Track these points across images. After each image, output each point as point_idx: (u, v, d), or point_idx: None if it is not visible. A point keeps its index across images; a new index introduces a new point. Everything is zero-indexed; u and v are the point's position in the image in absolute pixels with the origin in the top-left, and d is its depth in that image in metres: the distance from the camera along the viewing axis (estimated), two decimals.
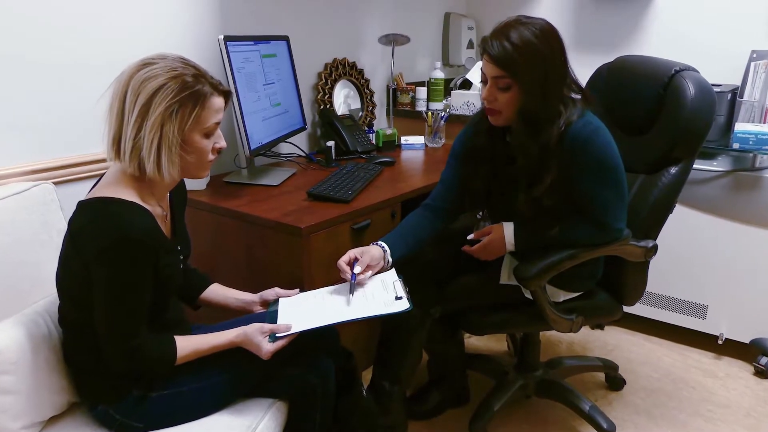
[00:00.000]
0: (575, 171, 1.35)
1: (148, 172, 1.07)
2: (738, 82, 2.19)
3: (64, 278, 1.13)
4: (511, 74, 1.29)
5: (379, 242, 1.42)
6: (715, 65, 2.15)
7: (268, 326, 1.18)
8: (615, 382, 2.01)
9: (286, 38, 1.97)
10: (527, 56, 1.27)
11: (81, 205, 1.09)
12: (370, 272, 1.36)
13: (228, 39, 1.58)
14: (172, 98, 1.04)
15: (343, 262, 1.35)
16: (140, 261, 1.06)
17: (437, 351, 1.78)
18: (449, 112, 2.39)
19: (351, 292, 1.30)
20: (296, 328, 1.19)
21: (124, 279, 1.05)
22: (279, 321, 1.25)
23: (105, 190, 1.09)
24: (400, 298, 1.26)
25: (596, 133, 1.35)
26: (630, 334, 2.35)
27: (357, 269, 1.33)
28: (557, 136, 1.33)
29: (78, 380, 1.19)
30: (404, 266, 1.46)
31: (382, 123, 2.55)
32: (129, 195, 1.08)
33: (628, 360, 2.17)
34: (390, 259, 1.41)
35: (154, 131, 1.05)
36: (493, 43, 1.29)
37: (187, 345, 1.15)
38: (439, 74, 2.49)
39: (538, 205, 1.38)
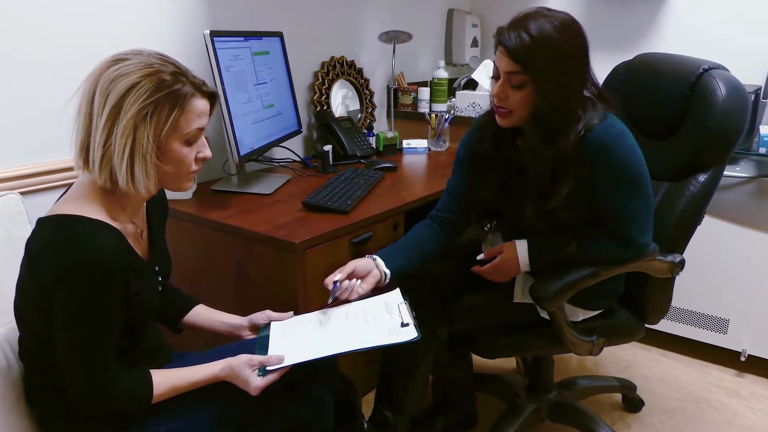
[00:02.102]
0: (596, 180, 1.23)
1: (121, 185, 0.94)
2: (761, 83, 2.06)
3: (21, 306, 1.00)
4: (526, 70, 1.16)
5: (369, 255, 1.31)
6: (737, 64, 2.01)
7: (257, 358, 1.05)
8: (633, 403, 1.88)
9: (279, 34, 1.83)
10: (546, 51, 1.15)
11: (40, 222, 0.96)
12: (357, 281, 1.24)
13: (215, 34, 1.45)
14: (146, 99, 0.91)
15: (328, 280, 1.23)
16: (105, 288, 0.92)
17: (444, 375, 1.64)
18: (454, 113, 2.25)
19: (331, 298, 1.20)
20: (289, 360, 1.05)
21: (86, 309, 0.91)
22: (270, 350, 1.11)
23: (67, 206, 0.95)
24: (407, 324, 1.12)
25: (620, 137, 1.23)
26: (645, 349, 2.22)
27: (337, 276, 1.21)
28: (575, 142, 1.20)
29: (41, 420, 1.05)
30: (408, 283, 1.33)
31: (382, 125, 2.41)
32: (94, 211, 0.95)
33: (644, 378, 2.04)
34: (386, 272, 1.29)
35: (126, 137, 0.91)
36: (509, 34, 1.16)
37: (164, 381, 1.01)
38: (443, 74, 2.35)
39: (554, 218, 1.25)
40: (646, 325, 1.54)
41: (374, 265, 1.28)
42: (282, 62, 1.83)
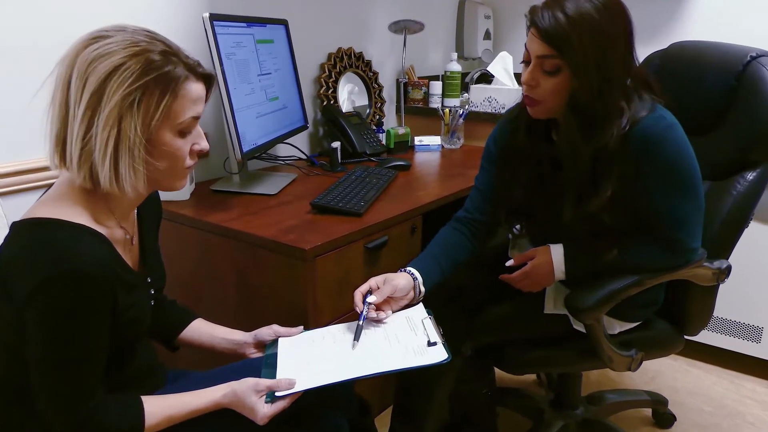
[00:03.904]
0: (643, 178, 1.10)
1: (103, 184, 0.81)
2: None
3: None
4: (560, 53, 1.04)
5: (408, 268, 1.16)
6: None
7: (264, 383, 0.92)
8: (664, 418, 1.75)
9: (284, 22, 1.70)
10: (583, 32, 1.02)
11: (14, 227, 0.82)
12: (389, 310, 1.10)
13: (215, 18, 1.31)
14: (132, 83, 0.77)
15: (359, 292, 1.10)
16: (89, 304, 0.79)
17: (464, 391, 1.51)
18: (468, 109, 2.12)
19: (356, 337, 1.02)
20: (301, 385, 0.92)
21: (66, 328, 0.78)
22: (279, 370, 0.99)
23: (45, 208, 0.82)
24: (434, 343, 0.99)
25: (671, 130, 1.11)
26: (672, 358, 2.09)
27: (371, 299, 1.07)
28: (619, 137, 1.08)
29: None
30: (430, 295, 1.20)
31: (391, 121, 2.28)
32: (77, 214, 0.82)
33: (673, 390, 1.92)
34: (422, 289, 1.16)
35: (109, 128, 0.78)
36: (543, 13, 1.03)
37: (158, 410, 0.88)
38: (456, 67, 2.23)
39: (593, 222, 1.12)
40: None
41: (413, 286, 1.15)
42: (287, 52, 1.70)
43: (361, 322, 1.05)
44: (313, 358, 1.01)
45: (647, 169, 1.09)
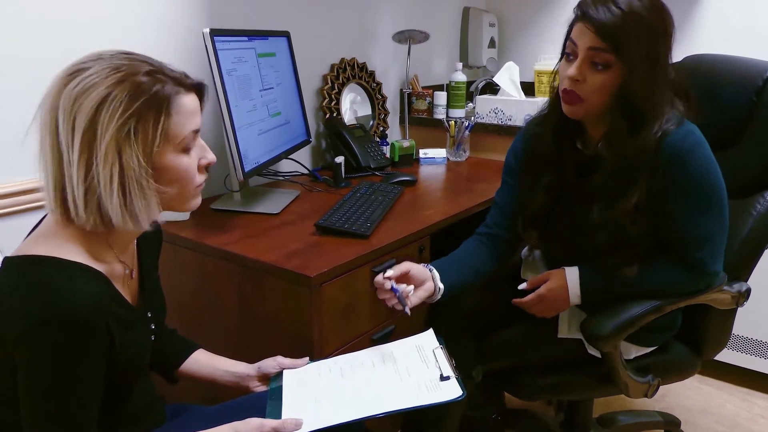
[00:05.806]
0: (669, 193, 1.07)
1: (117, 224, 0.76)
2: None
3: None
4: (615, 48, 1.01)
5: (425, 264, 1.15)
6: None
7: (269, 424, 0.87)
8: None
9: (286, 34, 1.65)
10: (637, 29, 1.00)
11: (5, 264, 0.77)
12: (410, 287, 1.08)
13: (215, 33, 1.26)
14: (123, 112, 0.73)
15: (378, 278, 1.06)
16: (84, 347, 0.74)
17: (474, 416, 1.46)
18: (474, 120, 2.07)
19: (404, 305, 1.04)
20: (308, 426, 0.88)
21: (59, 374, 0.74)
22: (284, 406, 0.94)
23: (38, 245, 0.77)
24: (447, 378, 0.94)
25: (700, 147, 1.07)
26: None
27: (389, 273, 1.05)
28: (651, 143, 1.05)
29: None
30: (438, 318, 1.16)
31: (395, 133, 2.23)
32: (72, 251, 0.77)
33: (685, 408, 1.87)
34: (441, 286, 1.13)
35: (110, 165, 0.73)
36: (597, 7, 1.01)
37: None
38: (461, 77, 2.18)
39: (616, 230, 1.08)
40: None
41: (430, 276, 1.13)
42: (289, 65, 1.65)
43: (398, 293, 1.04)
44: (321, 393, 0.96)
45: (672, 185, 1.06)
